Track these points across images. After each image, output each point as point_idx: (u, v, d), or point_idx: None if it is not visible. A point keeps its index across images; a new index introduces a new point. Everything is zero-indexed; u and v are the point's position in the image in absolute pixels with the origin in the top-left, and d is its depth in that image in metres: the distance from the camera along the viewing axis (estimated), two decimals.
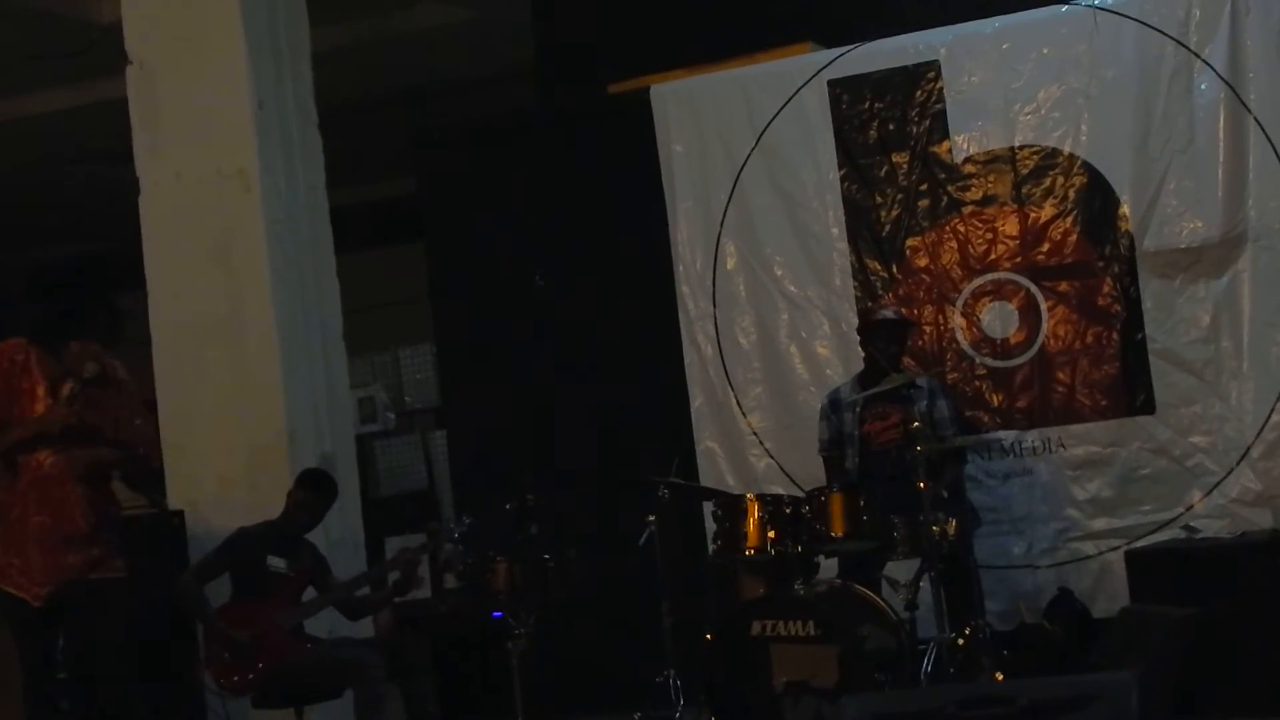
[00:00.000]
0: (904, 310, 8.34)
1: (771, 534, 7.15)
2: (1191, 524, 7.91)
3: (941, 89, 8.47)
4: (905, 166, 8.56)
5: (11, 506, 6.43)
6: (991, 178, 8.41)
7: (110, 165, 10.12)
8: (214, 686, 7.40)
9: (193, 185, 8.20)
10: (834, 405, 7.95)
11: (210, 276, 8.17)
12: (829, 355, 8.61)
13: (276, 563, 7.33)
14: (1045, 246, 8.31)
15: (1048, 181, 8.29)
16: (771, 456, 8.68)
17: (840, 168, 8.65)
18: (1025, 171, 8.33)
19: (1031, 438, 8.28)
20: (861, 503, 7.15)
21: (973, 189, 8.45)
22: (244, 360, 8.10)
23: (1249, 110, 7.93)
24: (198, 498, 8.13)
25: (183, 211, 8.24)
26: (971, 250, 8.43)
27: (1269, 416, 7.89)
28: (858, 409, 7.82)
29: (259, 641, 7.13)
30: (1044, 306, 8.31)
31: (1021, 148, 8.35)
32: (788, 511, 7.20)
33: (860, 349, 8.02)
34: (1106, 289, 8.21)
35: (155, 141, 8.28)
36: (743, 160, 8.79)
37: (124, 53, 8.37)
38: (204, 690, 7.71)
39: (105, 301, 6.69)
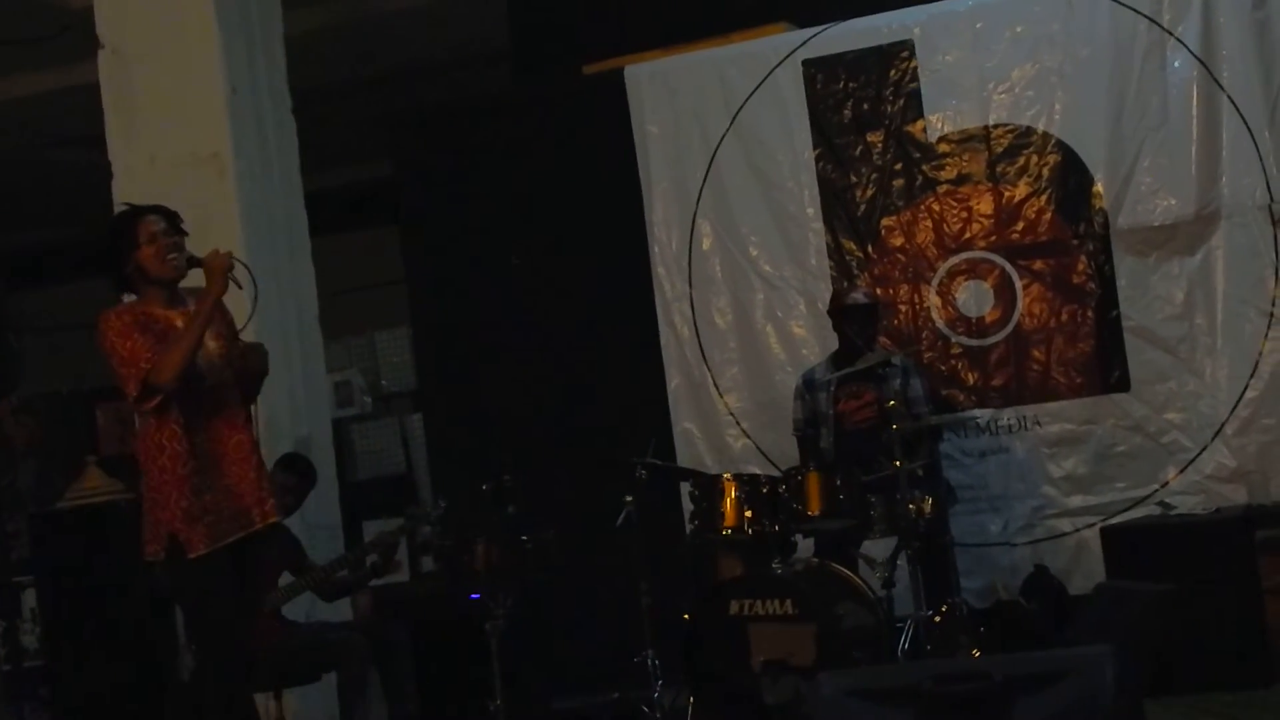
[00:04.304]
0: (878, 290, 8.37)
1: (749, 513, 7.16)
2: (1166, 500, 7.92)
3: (915, 68, 8.48)
4: (880, 146, 8.57)
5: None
6: (966, 157, 8.43)
7: (84, 150, 10.08)
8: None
9: (166, 170, 8.18)
10: (808, 385, 7.96)
11: None
12: (805, 335, 8.62)
13: None
14: (1020, 225, 8.33)
15: (1022, 160, 8.31)
16: (748, 436, 8.70)
17: (815, 147, 8.66)
18: (999, 150, 8.34)
19: (1007, 416, 8.31)
20: (838, 482, 7.17)
21: (947, 168, 8.47)
22: None
23: (1222, 88, 7.95)
24: None
25: (156, 196, 8.08)
26: (946, 229, 8.45)
27: (1243, 393, 7.93)
28: (832, 388, 7.84)
29: None
30: (1019, 285, 8.33)
31: (996, 126, 8.36)
32: (765, 491, 7.22)
33: (834, 329, 8.03)
34: (1081, 267, 8.23)
35: (128, 126, 8.26)
36: (718, 140, 8.79)
37: (96, 37, 8.34)
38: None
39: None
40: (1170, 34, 8.02)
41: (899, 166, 8.54)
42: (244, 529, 5.90)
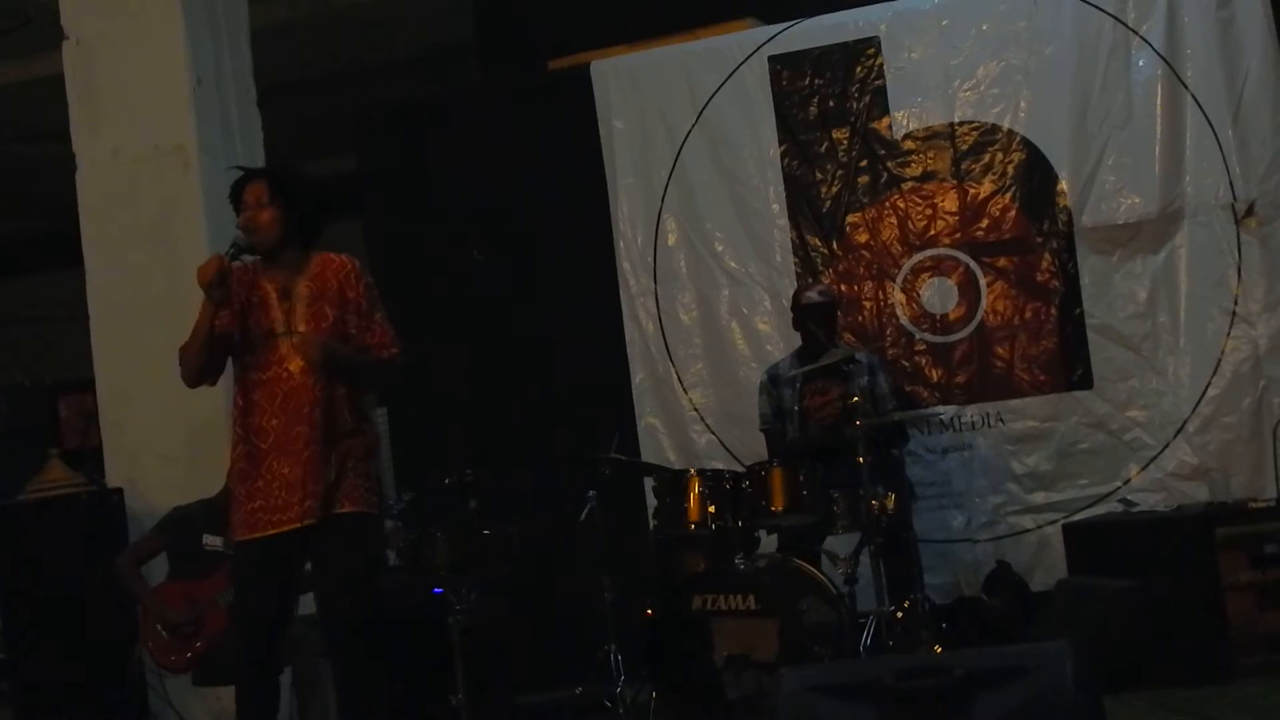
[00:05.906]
0: (843, 286, 8.38)
1: (712, 509, 7.16)
2: (1128, 497, 7.97)
3: (881, 65, 8.49)
4: (845, 143, 8.58)
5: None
6: (931, 154, 8.44)
7: (47, 142, 10.05)
8: (153, 666, 7.37)
9: (130, 162, 8.17)
10: (773, 381, 7.97)
11: (148, 254, 8.13)
12: (770, 331, 8.62)
13: (214, 541, 7.30)
14: (984, 222, 8.35)
15: (987, 158, 8.33)
16: (712, 432, 8.70)
17: (781, 144, 8.66)
18: (964, 148, 8.36)
19: (970, 413, 8.33)
20: (801, 478, 7.17)
21: (912, 165, 8.48)
22: (182, 337, 8.02)
23: (1186, 87, 7.98)
24: (137, 475, 8.10)
25: (121, 188, 8.20)
26: (911, 226, 8.47)
27: (1205, 391, 7.96)
28: (797, 385, 7.85)
29: (196, 620, 7.11)
30: (983, 282, 8.35)
31: (961, 124, 8.38)
32: (728, 487, 7.22)
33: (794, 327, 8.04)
34: (1045, 264, 8.25)
35: (93, 118, 8.24)
36: (683, 136, 8.79)
37: (60, 28, 8.31)
38: (144, 670, 7.69)
39: None
40: (1135, 33, 8.05)
41: (864, 163, 8.55)
42: (275, 526, 5.68)
